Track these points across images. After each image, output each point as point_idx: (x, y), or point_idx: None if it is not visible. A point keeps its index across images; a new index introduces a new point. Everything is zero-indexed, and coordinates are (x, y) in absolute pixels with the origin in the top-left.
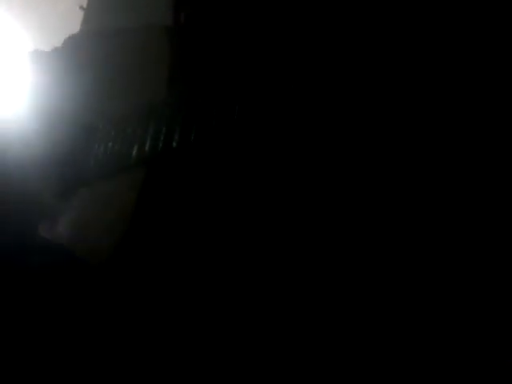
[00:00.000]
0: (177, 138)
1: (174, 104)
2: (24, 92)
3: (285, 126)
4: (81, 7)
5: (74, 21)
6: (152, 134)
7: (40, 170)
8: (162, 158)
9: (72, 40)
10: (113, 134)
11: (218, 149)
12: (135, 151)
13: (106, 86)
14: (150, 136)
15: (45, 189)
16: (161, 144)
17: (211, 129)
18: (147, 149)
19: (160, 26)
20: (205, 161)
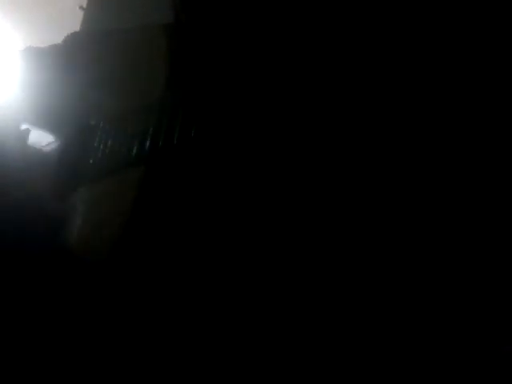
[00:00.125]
0: (176, 136)
1: (172, 102)
2: (22, 91)
3: (283, 124)
4: (81, 7)
5: (73, 21)
6: (151, 132)
7: (37, 168)
8: (161, 156)
9: (72, 39)
10: (111, 132)
11: (216, 147)
12: (134, 150)
13: (105, 85)
14: (148, 134)
15: (43, 187)
16: (160, 142)
17: (210, 127)
18: (146, 147)
19: (159, 26)
20: (203, 159)
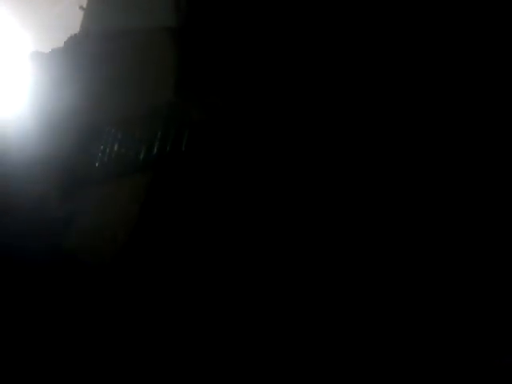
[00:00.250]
0: (182, 140)
1: (178, 106)
2: (24, 92)
3: (287, 127)
4: (81, 7)
5: (74, 21)
6: (156, 135)
7: (41, 171)
8: (167, 160)
9: (72, 40)
10: (116, 135)
11: (222, 151)
12: (139, 154)
13: (107, 86)
14: (154, 138)
15: (47, 190)
16: (167, 146)
17: (215, 130)
18: (151, 151)
19: (161, 27)
20: (209, 163)
